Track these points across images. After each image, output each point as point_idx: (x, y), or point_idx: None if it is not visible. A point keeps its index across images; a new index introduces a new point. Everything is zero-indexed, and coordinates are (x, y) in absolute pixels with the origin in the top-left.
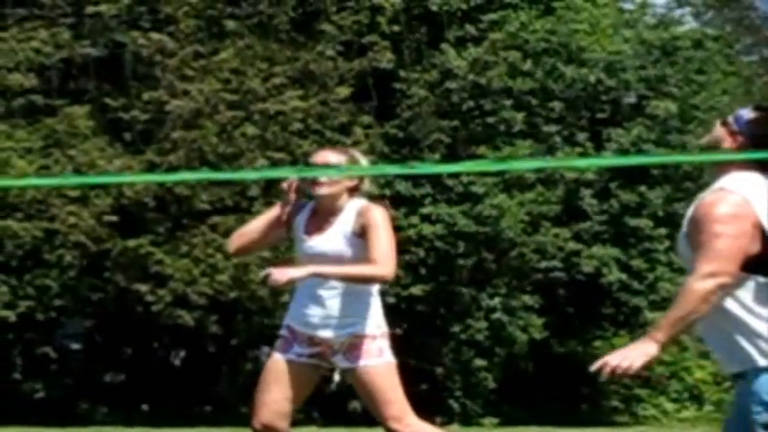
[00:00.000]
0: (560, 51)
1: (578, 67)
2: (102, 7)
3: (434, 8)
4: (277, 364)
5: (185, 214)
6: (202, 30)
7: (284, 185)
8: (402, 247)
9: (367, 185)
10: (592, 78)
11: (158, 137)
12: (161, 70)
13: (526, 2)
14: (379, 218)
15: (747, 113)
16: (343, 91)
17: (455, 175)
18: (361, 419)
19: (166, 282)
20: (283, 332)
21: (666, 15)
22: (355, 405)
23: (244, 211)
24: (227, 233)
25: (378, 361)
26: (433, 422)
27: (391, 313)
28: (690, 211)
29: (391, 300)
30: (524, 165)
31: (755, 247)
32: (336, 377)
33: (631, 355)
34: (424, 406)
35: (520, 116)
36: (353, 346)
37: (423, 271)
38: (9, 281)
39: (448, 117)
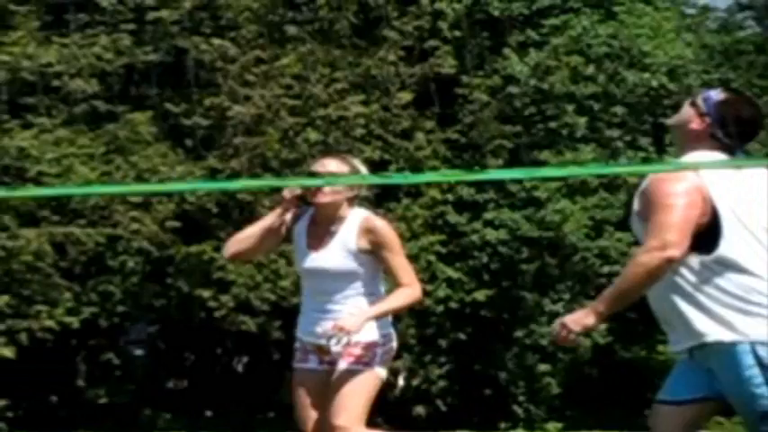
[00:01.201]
0: (622, 56)
1: (640, 71)
2: (164, 13)
3: (496, 13)
4: (301, 379)
5: (247, 220)
6: (264, 35)
7: (286, 194)
8: (466, 252)
9: (364, 192)
10: (654, 83)
11: (220, 143)
12: (222, 76)
13: (588, 6)
14: (391, 236)
15: (716, 95)
16: (405, 96)
17: (518, 181)
18: (426, 425)
19: (229, 287)
20: (296, 344)
21: (728, 19)
22: (419, 411)
23: None
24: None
25: (362, 368)
26: (496, 427)
27: (455, 319)
28: (642, 186)
29: (455, 305)
30: (500, 175)
31: (705, 220)
32: (401, 382)
33: (570, 325)
34: (488, 411)
35: (582, 121)
36: (350, 350)
37: (486, 276)
38: (72, 287)
39: (510, 122)
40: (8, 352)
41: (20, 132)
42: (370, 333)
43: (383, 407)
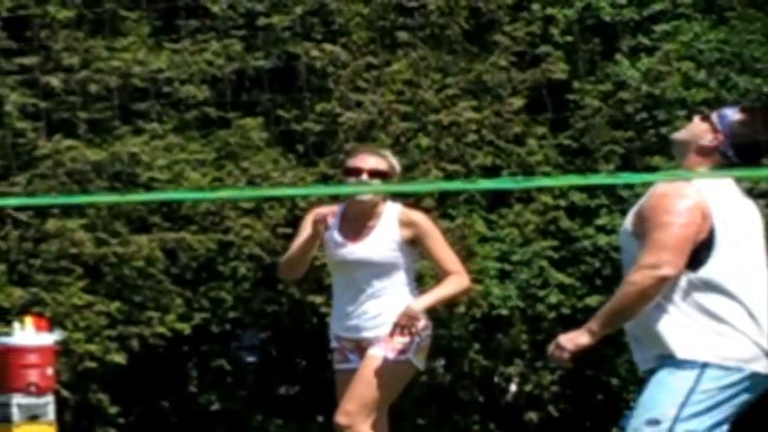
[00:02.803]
0: (733, 61)
1: (752, 77)
2: (275, 19)
3: (607, 18)
4: (344, 381)
5: None
6: (375, 41)
7: (317, 217)
8: (577, 257)
9: (395, 180)
10: (766, 88)
11: (331, 148)
12: (334, 82)
13: (699, 12)
14: (431, 225)
15: (733, 113)
16: (517, 102)
17: (629, 186)
18: (538, 430)
19: None
20: (334, 344)
21: None
22: (531, 416)
23: None
24: None
25: (396, 357)
26: None
27: (567, 324)
28: (639, 202)
29: (566, 311)
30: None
31: (701, 237)
32: (513, 388)
33: (564, 343)
34: (600, 416)
35: None
36: (385, 338)
37: (598, 282)
38: (184, 293)
39: (622, 128)
40: (119, 358)
41: (131, 138)
42: (418, 323)
43: (495, 412)
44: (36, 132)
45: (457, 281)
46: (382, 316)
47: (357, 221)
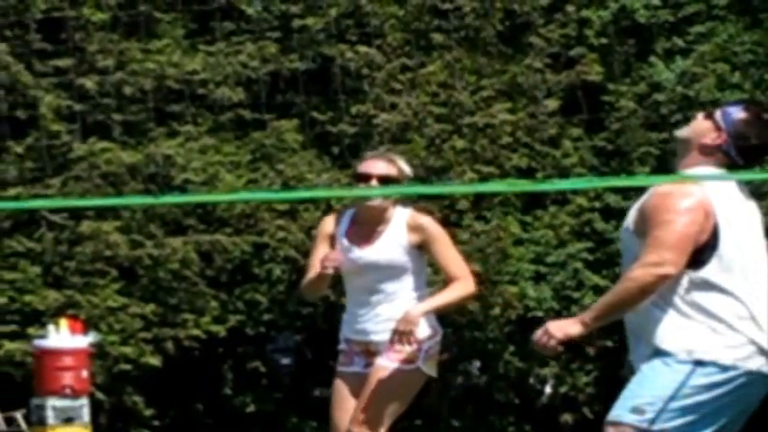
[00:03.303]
0: None
1: None
2: (310, 21)
3: (642, 20)
4: (343, 384)
5: None
6: (410, 43)
7: (325, 261)
8: (612, 259)
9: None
10: None
11: (366, 150)
12: (369, 84)
13: (734, 13)
14: (439, 230)
15: (736, 111)
16: (552, 104)
17: None
18: (573, 431)
19: None
20: (342, 346)
21: None
22: (566, 418)
23: (453, 225)
24: None
25: (405, 366)
26: None
27: (602, 326)
28: (641, 200)
29: None
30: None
31: (704, 237)
32: (548, 390)
33: (552, 330)
34: None
35: None
36: (394, 346)
37: None
38: (219, 295)
39: (657, 129)
40: (155, 360)
41: (166, 140)
42: (420, 329)
43: (530, 414)
44: (71, 134)
45: (462, 286)
46: (392, 320)
47: (367, 226)
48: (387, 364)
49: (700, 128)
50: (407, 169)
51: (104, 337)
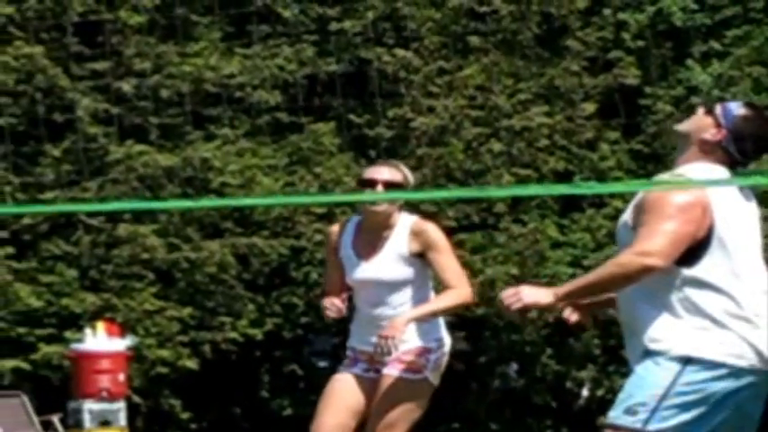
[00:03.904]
0: None
1: None
2: (347, 24)
3: (679, 23)
4: (342, 380)
5: None
6: (447, 46)
7: (327, 312)
8: None
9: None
10: None
11: (404, 153)
12: (406, 87)
13: None
14: (440, 237)
15: (737, 108)
16: (589, 107)
17: None
18: None
19: None
20: (348, 353)
21: None
22: (603, 420)
23: (490, 228)
24: (474, 250)
25: (412, 377)
26: None
27: None
28: (638, 196)
29: None
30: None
31: (700, 234)
32: (585, 393)
33: (523, 294)
34: None
35: None
36: (401, 356)
37: None
38: (256, 299)
39: None
40: (192, 364)
41: (203, 144)
42: (422, 338)
43: (568, 417)
44: (108, 138)
45: (455, 294)
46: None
47: (372, 232)
48: (394, 373)
49: (700, 123)
50: (411, 177)
51: (141, 341)
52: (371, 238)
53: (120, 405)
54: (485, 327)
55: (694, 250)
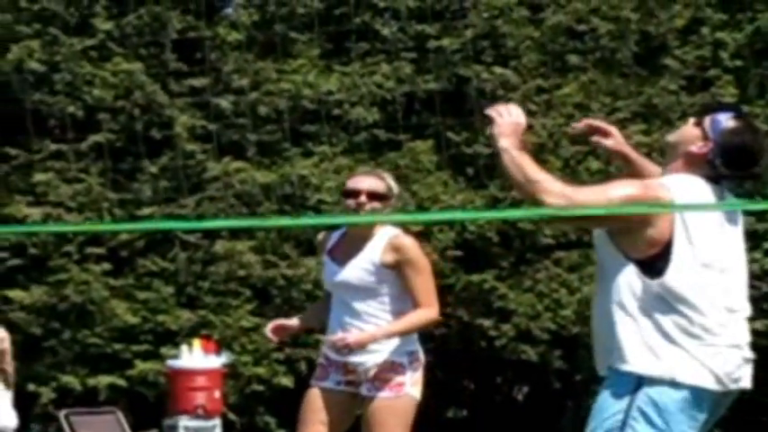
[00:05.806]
0: None
1: None
2: (445, 41)
3: None
4: (316, 395)
5: (529, 249)
6: (545, 64)
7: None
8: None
9: (393, 202)
10: None
11: (501, 171)
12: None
13: None
14: (417, 255)
15: (726, 120)
16: None
17: None
18: None
19: (510, 316)
20: (321, 360)
21: None
22: None
23: (587, 246)
24: (571, 268)
25: (394, 396)
26: None
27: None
28: None
29: None
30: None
31: (663, 239)
32: None
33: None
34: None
35: None
36: (377, 375)
37: (765, 306)
38: None
39: None
40: (287, 381)
41: (300, 160)
42: (395, 353)
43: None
44: (205, 154)
45: (421, 314)
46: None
47: (353, 241)
48: (376, 396)
49: (688, 135)
50: (395, 186)
51: (237, 358)
52: (350, 245)
53: (216, 422)
54: (580, 345)
55: (659, 258)
